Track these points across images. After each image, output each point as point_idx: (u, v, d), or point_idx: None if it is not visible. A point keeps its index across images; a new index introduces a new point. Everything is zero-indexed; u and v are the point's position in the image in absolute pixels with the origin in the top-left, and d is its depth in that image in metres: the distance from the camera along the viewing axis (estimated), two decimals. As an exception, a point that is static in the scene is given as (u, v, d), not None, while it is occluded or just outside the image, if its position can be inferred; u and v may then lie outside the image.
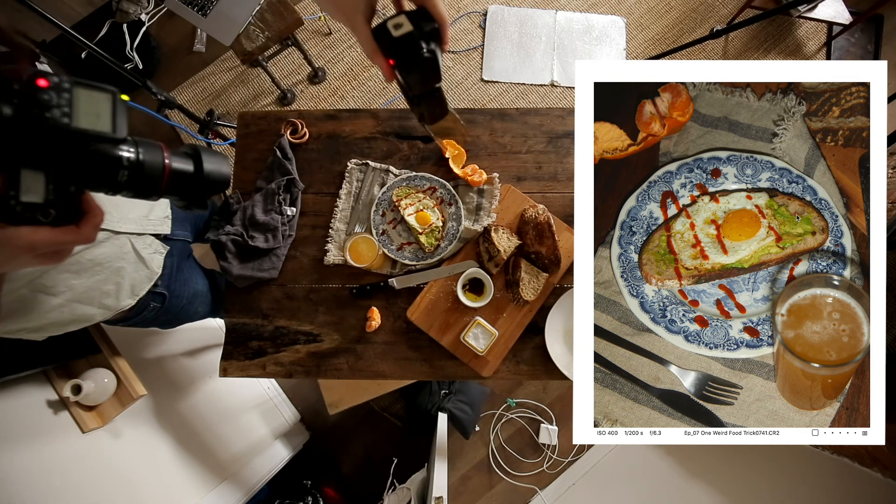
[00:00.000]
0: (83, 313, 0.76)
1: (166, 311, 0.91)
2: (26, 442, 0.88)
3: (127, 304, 0.81)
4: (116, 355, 1.01)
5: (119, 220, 0.79)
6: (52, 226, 0.42)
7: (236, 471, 1.44)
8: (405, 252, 0.98)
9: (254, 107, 2.11)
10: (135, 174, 0.46)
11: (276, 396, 1.83)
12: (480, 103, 2.13)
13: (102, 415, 0.99)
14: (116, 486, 1.03)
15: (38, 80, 0.38)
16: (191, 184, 0.53)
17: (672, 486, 1.37)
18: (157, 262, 0.86)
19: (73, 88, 0.40)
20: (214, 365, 1.02)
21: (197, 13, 1.58)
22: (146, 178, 0.48)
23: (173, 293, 0.91)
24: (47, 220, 0.42)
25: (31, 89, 0.38)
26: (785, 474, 1.10)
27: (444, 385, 1.68)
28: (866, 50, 2.17)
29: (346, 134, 1.05)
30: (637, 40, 2.18)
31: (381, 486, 1.59)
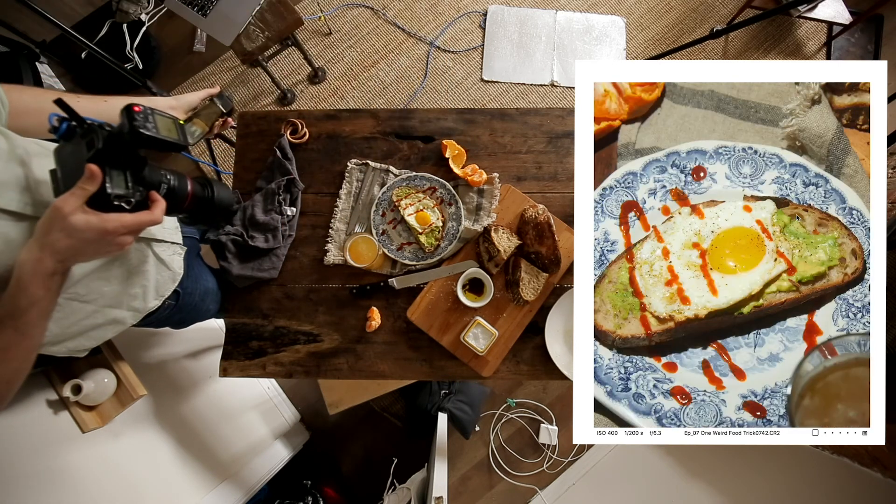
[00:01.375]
0: (115, 317, 0.79)
1: (180, 308, 0.92)
2: (26, 442, 0.88)
3: (153, 305, 0.84)
4: (117, 355, 1.01)
5: None
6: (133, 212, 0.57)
7: (236, 471, 1.44)
8: (405, 252, 0.98)
9: (254, 107, 2.11)
10: (170, 192, 0.65)
11: (276, 396, 1.83)
12: (480, 103, 2.13)
13: (102, 415, 0.99)
14: (116, 486, 1.03)
15: (134, 108, 0.57)
16: (205, 206, 0.74)
17: (672, 486, 1.37)
18: (178, 264, 0.88)
19: (153, 114, 0.59)
20: (214, 365, 1.02)
21: (197, 13, 1.58)
22: (176, 197, 0.67)
23: (186, 290, 0.91)
24: (129, 207, 0.57)
25: (130, 113, 0.57)
26: (785, 474, 1.10)
27: (444, 385, 1.68)
28: (866, 50, 2.17)
29: (346, 134, 1.05)
30: (637, 40, 2.18)
31: (381, 486, 1.59)
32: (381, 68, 2.14)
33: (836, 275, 0.47)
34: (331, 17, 2.16)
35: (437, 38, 2.15)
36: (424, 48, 2.15)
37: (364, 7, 2.18)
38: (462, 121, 1.04)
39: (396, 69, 2.14)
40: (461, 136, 1.04)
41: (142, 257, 0.81)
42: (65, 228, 0.52)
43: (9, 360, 0.54)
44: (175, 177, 0.66)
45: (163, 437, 1.23)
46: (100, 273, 0.73)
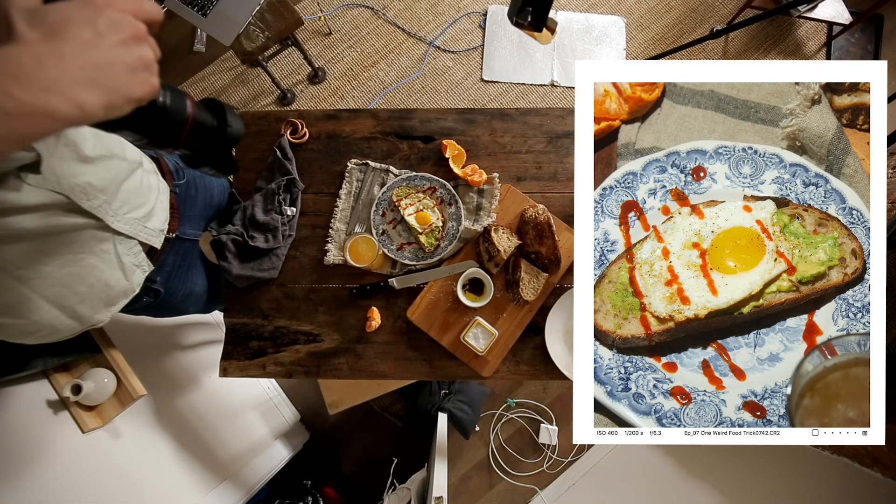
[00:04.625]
0: (49, 320, 0.65)
1: (157, 305, 0.89)
2: (26, 442, 0.88)
3: (102, 320, 0.73)
4: (116, 355, 1.01)
5: (113, 214, 0.67)
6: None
7: (236, 471, 1.44)
8: (405, 252, 0.98)
9: (254, 107, 2.11)
10: (160, 112, 0.44)
11: (276, 396, 1.83)
12: (480, 103, 2.13)
13: (102, 415, 0.99)
14: (116, 486, 1.03)
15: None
16: (211, 139, 0.50)
17: (672, 486, 1.37)
18: (138, 279, 0.76)
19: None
20: (214, 365, 1.02)
21: (197, 13, 1.58)
22: (169, 119, 0.45)
23: (169, 290, 0.89)
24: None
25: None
26: (785, 474, 1.10)
27: (444, 385, 1.68)
28: (866, 50, 2.17)
29: (346, 134, 1.05)
30: (637, 40, 2.18)
31: (381, 486, 1.59)
32: (381, 68, 2.14)
33: (836, 275, 0.48)
34: (331, 17, 2.16)
35: (437, 38, 2.15)
36: (424, 48, 2.15)
37: (364, 7, 2.18)
38: (462, 121, 1.04)
39: (396, 69, 2.14)
40: (461, 136, 1.04)
41: (97, 247, 0.66)
42: (37, 19, 0.31)
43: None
44: (168, 92, 0.45)
45: (163, 437, 1.23)
46: (39, 244, 0.58)
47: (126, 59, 0.34)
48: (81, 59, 0.32)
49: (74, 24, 0.32)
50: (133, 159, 0.74)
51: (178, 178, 0.90)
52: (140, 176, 0.75)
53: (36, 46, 0.31)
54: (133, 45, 0.35)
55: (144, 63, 0.36)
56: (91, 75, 0.32)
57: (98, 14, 0.33)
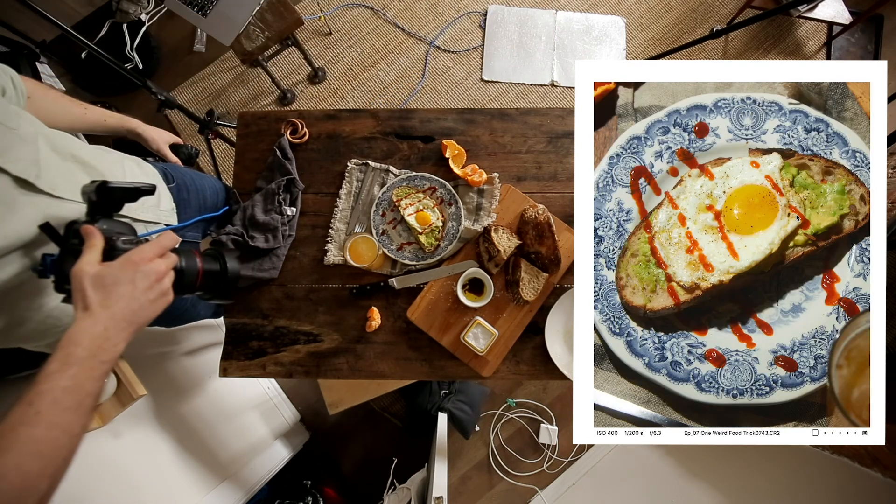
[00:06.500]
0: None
1: (167, 313, 0.90)
2: (26, 442, 0.88)
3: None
4: (116, 355, 1.01)
5: (136, 208, 0.76)
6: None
7: (236, 471, 1.44)
8: (405, 252, 0.98)
9: (254, 107, 2.11)
10: (178, 274, 0.60)
11: (276, 396, 1.83)
12: (480, 103, 2.13)
13: (102, 415, 0.99)
14: (116, 486, 1.03)
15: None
16: (218, 280, 0.68)
17: (672, 486, 1.37)
18: None
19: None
20: (214, 365, 1.02)
21: (197, 13, 1.58)
22: (185, 277, 0.61)
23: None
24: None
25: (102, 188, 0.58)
26: (785, 474, 1.10)
27: (444, 385, 1.68)
28: (866, 50, 2.16)
29: (346, 134, 1.05)
30: (637, 40, 2.18)
31: (381, 486, 1.59)
32: (381, 68, 2.14)
33: (849, 223, 0.48)
34: (331, 17, 2.16)
35: (437, 38, 2.15)
36: (424, 48, 2.15)
37: (364, 7, 2.18)
38: (462, 121, 1.04)
39: (396, 69, 2.14)
40: (461, 136, 1.04)
41: None
42: (98, 284, 0.49)
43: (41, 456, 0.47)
44: (183, 257, 0.62)
45: (163, 437, 1.23)
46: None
47: (151, 297, 0.54)
48: (124, 312, 0.51)
49: (120, 283, 0.51)
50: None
51: (168, 182, 0.91)
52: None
53: (98, 314, 0.49)
54: (156, 284, 0.54)
55: (163, 292, 0.55)
56: (130, 319, 0.51)
57: (136, 271, 0.52)
